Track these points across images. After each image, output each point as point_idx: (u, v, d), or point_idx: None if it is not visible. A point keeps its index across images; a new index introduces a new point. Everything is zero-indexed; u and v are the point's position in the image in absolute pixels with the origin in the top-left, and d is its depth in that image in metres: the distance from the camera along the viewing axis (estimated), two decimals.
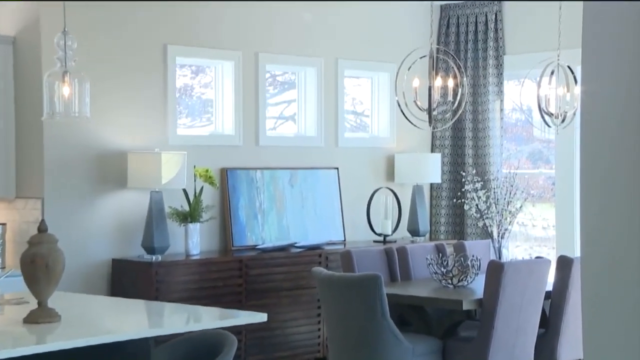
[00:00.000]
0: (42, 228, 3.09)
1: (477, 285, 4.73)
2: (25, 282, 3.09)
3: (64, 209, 4.85)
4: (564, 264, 4.72)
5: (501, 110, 6.20)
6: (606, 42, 1.77)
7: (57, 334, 2.98)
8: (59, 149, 4.86)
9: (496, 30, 6.17)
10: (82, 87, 3.54)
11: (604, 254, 1.77)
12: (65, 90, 3.51)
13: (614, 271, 1.76)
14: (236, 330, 4.28)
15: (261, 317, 3.32)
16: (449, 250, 5.41)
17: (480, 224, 6.01)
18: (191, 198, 5.11)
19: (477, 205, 5.97)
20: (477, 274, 4.83)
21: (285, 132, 5.98)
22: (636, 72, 1.72)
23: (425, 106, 4.52)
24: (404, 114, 4.62)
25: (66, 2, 3.49)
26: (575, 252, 5.53)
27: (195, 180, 5.15)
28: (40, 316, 3.06)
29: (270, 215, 5.57)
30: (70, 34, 3.50)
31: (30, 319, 3.06)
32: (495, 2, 6.19)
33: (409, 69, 4.63)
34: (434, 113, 4.53)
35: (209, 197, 5.29)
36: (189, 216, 5.07)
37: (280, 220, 5.61)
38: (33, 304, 3.14)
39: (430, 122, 4.53)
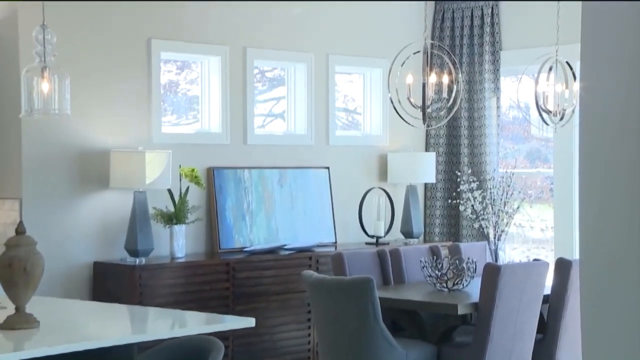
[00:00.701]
0: (20, 230, 3.07)
1: (473, 288, 4.74)
2: (2, 287, 3.07)
3: (43, 210, 4.83)
4: (563, 266, 4.73)
5: (498, 107, 6.21)
6: (606, 37, 1.77)
7: (35, 340, 2.96)
8: (38, 148, 4.83)
9: (492, 24, 6.18)
10: (62, 83, 3.52)
11: (603, 256, 1.78)
12: (45, 86, 3.49)
13: (614, 274, 1.76)
14: (223, 335, 4.27)
15: (249, 322, 3.32)
16: (444, 252, 5.41)
17: (476, 225, 6.01)
18: (176, 199, 5.10)
19: (472, 206, 5.98)
20: (473, 277, 4.84)
21: (274, 130, 5.97)
22: (637, 69, 1.73)
23: (419, 103, 4.52)
24: (397, 111, 4.62)
25: (45, 2, 3.47)
26: (574, 254, 5.54)
27: (180, 180, 5.14)
28: (18, 322, 3.04)
29: (258, 216, 5.57)
30: (49, 27, 3.48)
31: (7, 325, 3.04)
32: None
33: (402, 65, 4.63)
34: (428, 110, 4.53)
35: (195, 197, 5.28)
36: (174, 217, 5.06)
37: (269, 222, 5.61)
38: (10, 309, 3.12)
39: (424, 120, 4.53)
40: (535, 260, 5.09)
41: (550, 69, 4.94)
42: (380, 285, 4.96)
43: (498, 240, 5.97)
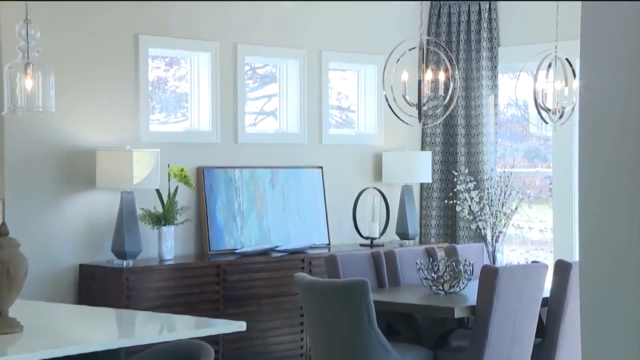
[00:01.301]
0: (2, 231, 3.06)
1: (470, 291, 4.75)
2: None
3: (27, 210, 4.81)
4: (562, 268, 4.74)
5: (495, 105, 6.22)
6: (606, 35, 1.78)
7: (19, 345, 2.96)
8: (21, 147, 4.82)
9: (490, 20, 6.19)
10: (47, 79, 3.51)
11: (604, 258, 1.78)
12: (28, 83, 3.48)
13: (614, 276, 1.76)
14: (213, 340, 4.27)
15: (240, 325, 3.32)
16: (440, 254, 5.42)
17: (473, 226, 6.02)
18: (165, 199, 5.09)
19: (469, 206, 5.99)
20: (470, 279, 4.84)
21: (265, 129, 5.97)
22: (637, 67, 1.73)
23: (415, 101, 4.53)
24: (392, 109, 4.62)
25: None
26: (574, 256, 5.56)
27: (169, 180, 5.13)
28: (1, 326, 3.03)
29: (249, 217, 5.57)
30: (32, 22, 3.46)
31: None
32: None
33: (397, 61, 4.64)
34: (424, 108, 4.54)
35: (184, 198, 5.27)
36: (162, 218, 5.06)
37: (261, 223, 5.61)
38: None
39: (420, 118, 4.54)
40: (533, 262, 5.10)
41: (550, 65, 4.95)
42: (374, 288, 4.96)
43: (496, 241, 5.98)
